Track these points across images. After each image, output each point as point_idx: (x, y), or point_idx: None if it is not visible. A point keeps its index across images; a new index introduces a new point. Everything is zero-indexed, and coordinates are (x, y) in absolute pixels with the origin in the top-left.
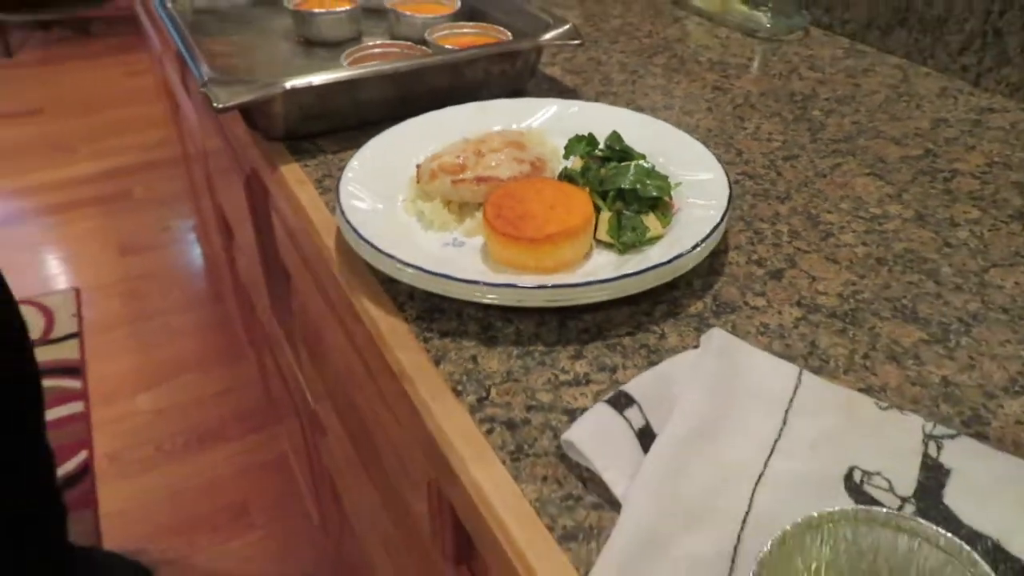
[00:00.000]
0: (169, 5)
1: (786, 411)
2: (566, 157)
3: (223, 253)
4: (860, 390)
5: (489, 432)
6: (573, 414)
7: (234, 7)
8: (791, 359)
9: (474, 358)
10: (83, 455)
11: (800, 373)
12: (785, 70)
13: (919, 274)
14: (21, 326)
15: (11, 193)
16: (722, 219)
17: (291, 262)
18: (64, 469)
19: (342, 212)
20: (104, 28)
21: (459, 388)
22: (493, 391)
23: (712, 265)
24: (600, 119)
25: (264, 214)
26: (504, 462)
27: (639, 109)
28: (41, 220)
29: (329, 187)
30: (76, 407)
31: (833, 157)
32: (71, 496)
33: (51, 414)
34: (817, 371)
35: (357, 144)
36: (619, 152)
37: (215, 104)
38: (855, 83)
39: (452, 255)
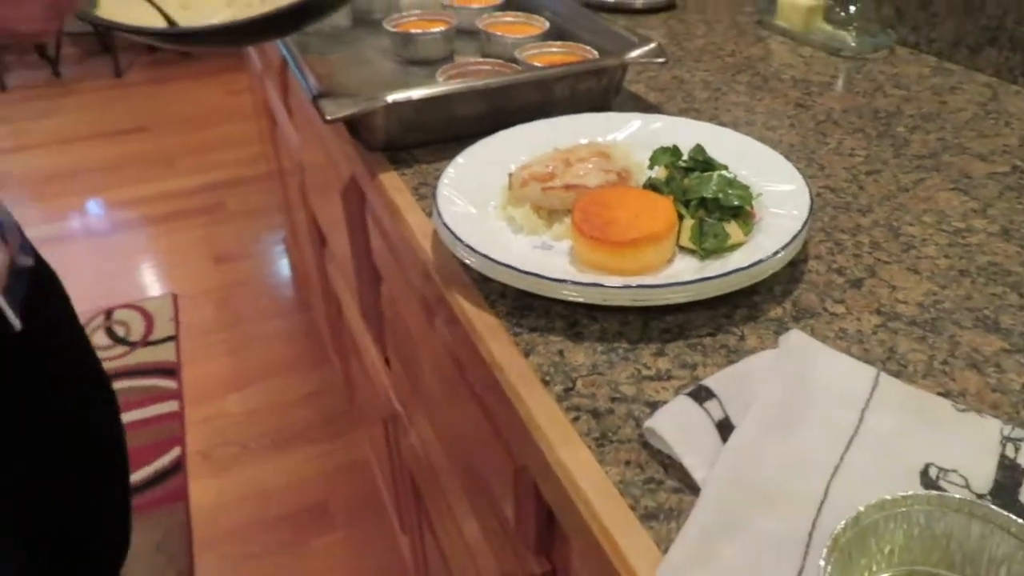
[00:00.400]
0: None
1: (863, 409)
2: (651, 167)
3: (315, 260)
4: (939, 394)
5: (575, 419)
6: (655, 406)
7: (335, 28)
8: (869, 363)
9: (561, 352)
10: (176, 451)
11: (878, 375)
12: (869, 88)
13: (1003, 286)
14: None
15: (118, 204)
16: (803, 227)
17: (384, 265)
18: (159, 464)
19: (439, 215)
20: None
21: (547, 379)
22: (579, 382)
23: (792, 273)
24: (683, 133)
25: (359, 221)
26: (589, 447)
27: (722, 125)
28: (144, 230)
29: (424, 194)
30: (172, 406)
31: (917, 172)
32: (165, 489)
33: (149, 411)
34: (895, 375)
35: (451, 155)
36: (702, 163)
37: (325, 116)
38: (941, 100)
39: (541, 257)
